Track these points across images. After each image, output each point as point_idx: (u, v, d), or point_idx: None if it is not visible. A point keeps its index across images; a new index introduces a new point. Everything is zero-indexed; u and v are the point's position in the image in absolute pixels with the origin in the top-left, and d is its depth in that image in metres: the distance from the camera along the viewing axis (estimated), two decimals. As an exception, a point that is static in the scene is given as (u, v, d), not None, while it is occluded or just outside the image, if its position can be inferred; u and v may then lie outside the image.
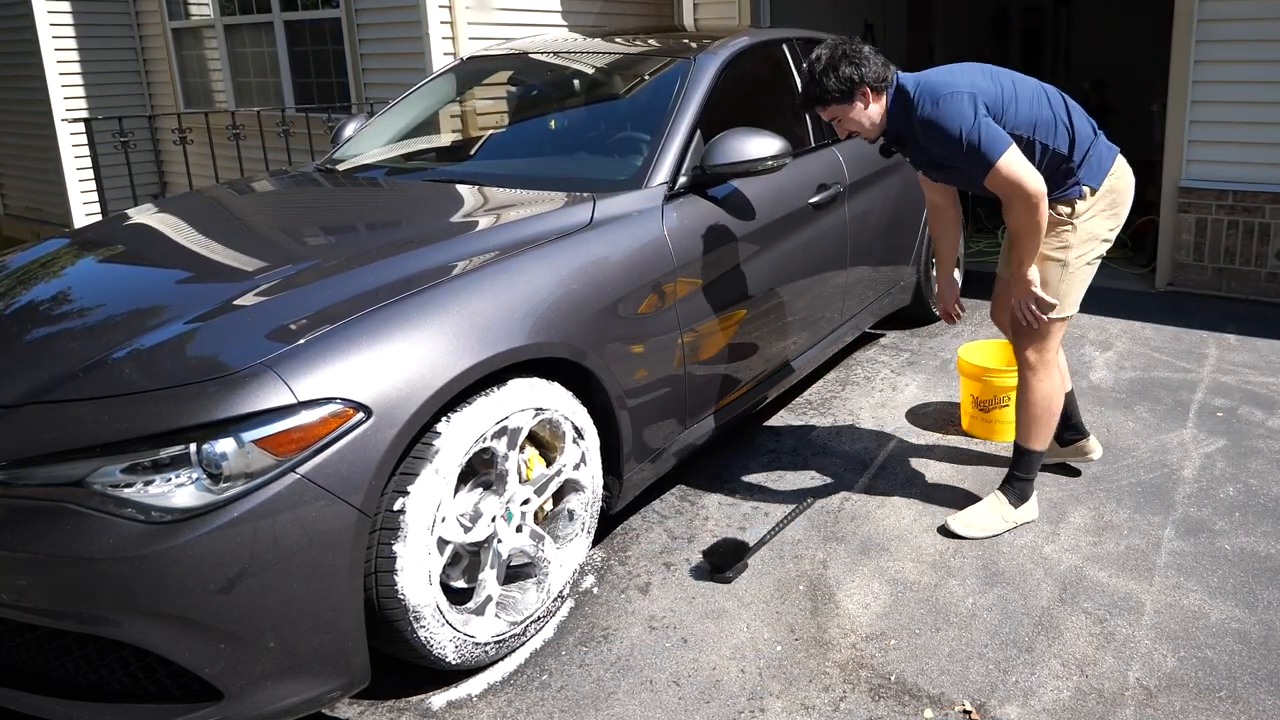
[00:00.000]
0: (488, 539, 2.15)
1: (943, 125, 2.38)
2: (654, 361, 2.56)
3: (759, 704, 2.08)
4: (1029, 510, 2.72)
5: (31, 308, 2.30)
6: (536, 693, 2.14)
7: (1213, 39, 4.62)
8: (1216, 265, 4.86)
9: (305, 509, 1.77)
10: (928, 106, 2.40)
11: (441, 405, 1.98)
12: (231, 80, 6.91)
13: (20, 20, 6.90)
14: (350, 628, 1.87)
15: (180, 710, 1.78)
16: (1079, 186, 2.53)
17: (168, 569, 1.69)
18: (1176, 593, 2.41)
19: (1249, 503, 2.82)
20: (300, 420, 1.78)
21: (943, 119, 2.38)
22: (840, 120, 2.52)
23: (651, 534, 2.78)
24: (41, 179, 7.38)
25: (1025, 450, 2.70)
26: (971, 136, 2.35)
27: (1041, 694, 2.07)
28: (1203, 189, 4.80)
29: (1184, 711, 2.01)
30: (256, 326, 1.97)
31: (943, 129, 2.38)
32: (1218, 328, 4.34)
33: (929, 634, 2.28)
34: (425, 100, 3.71)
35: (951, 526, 2.67)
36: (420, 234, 2.45)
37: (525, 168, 3.18)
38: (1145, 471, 3.03)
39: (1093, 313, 4.64)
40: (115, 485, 1.73)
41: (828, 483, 3.04)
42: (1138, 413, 3.46)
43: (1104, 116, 8.60)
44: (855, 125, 2.52)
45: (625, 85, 3.37)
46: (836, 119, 2.53)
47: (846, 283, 3.59)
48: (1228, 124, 4.68)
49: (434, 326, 2.01)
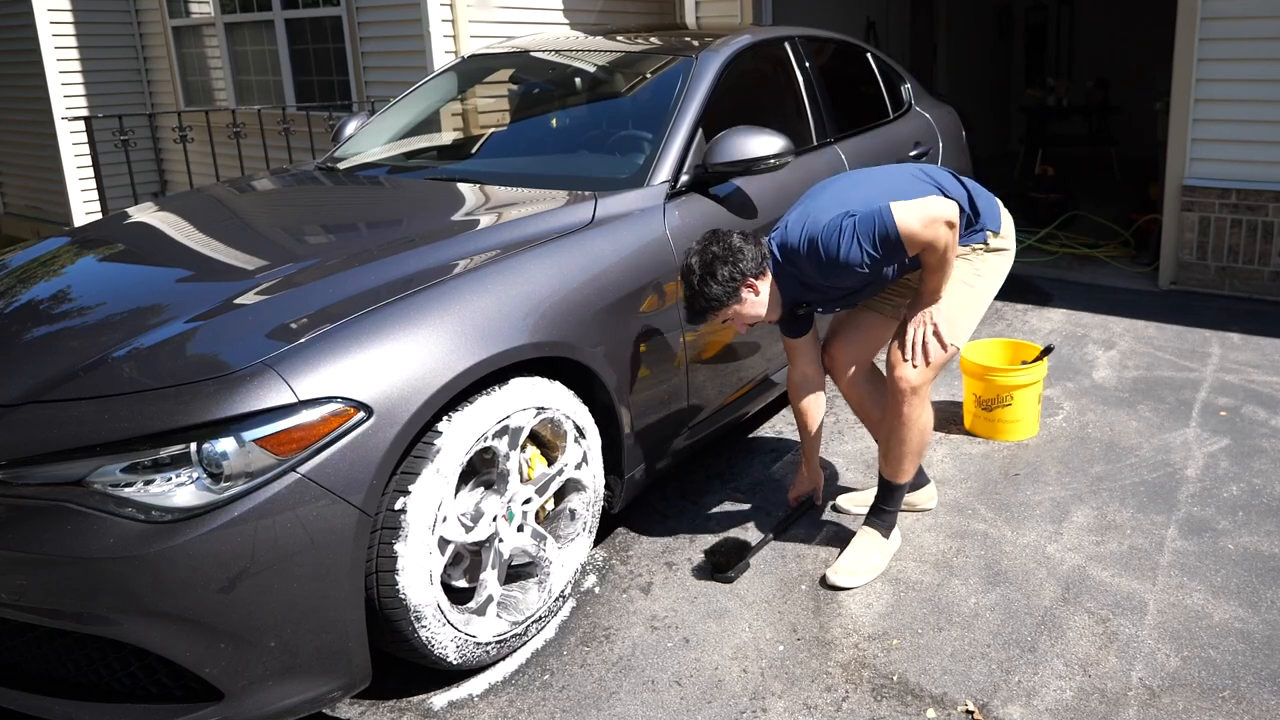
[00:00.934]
0: (489, 538, 2.14)
1: (830, 248, 2.26)
2: (656, 360, 2.55)
3: (761, 704, 2.07)
4: (896, 538, 2.61)
5: (31, 306, 2.29)
6: (538, 692, 2.13)
7: (1216, 37, 4.61)
8: (1220, 264, 4.84)
9: (306, 508, 1.77)
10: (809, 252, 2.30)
11: (443, 404, 1.97)
12: (232, 78, 6.90)
13: (20, 18, 6.90)
14: (351, 627, 1.86)
15: (181, 710, 1.78)
16: (983, 232, 2.47)
17: (168, 568, 1.68)
18: (1180, 592, 2.40)
19: (1252, 502, 2.81)
20: (301, 419, 1.77)
21: (827, 245, 2.26)
22: (737, 317, 2.38)
23: (653, 533, 2.77)
24: (41, 177, 7.37)
25: (894, 485, 2.54)
26: (861, 229, 2.24)
27: (1044, 694, 2.07)
28: (1206, 187, 4.78)
29: (1187, 711, 2.00)
30: (257, 325, 1.96)
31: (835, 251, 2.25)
32: (1221, 326, 4.33)
33: (932, 634, 2.28)
34: (426, 98, 3.70)
35: (834, 580, 2.46)
36: (421, 232, 2.44)
37: (527, 166, 3.18)
38: (1148, 471, 3.03)
39: (1096, 311, 4.63)
40: (115, 484, 1.72)
41: (831, 482, 3.03)
42: (1141, 412, 3.45)
43: (1107, 115, 8.61)
44: (753, 317, 2.38)
45: (627, 84, 3.36)
46: (730, 320, 2.39)
47: (848, 281, 3.58)
48: (1231, 122, 4.67)
49: (435, 325, 2.01)
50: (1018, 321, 4.56)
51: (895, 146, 3.89)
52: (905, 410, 2.43)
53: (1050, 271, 5.40)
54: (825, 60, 3.86)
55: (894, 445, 2.49)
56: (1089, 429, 3.33)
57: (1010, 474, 3.05)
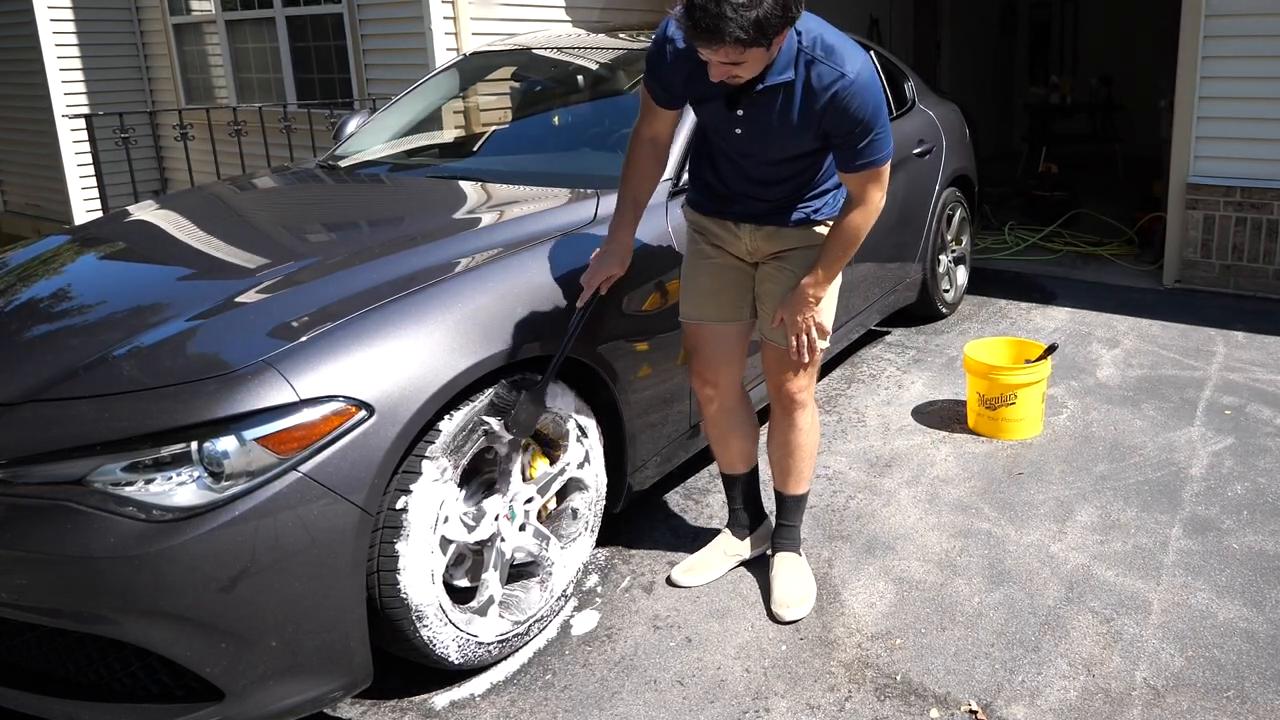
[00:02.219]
0: (491, 538, 2.14)
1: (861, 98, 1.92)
2: (658, 359, 2.54)
3: (764, 704, 2.06)
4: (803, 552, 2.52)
5: (32, 305, 2.29)
6: (540, 692, 2.13)
7: (1221, 34, 4.59)
8: (1224, 262, 4.83)
9: (307, 508, 1.76)
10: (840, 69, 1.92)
11: (444, 403, 1.96)
12: (233, 76, 6.89)
13: (20, 15, 6.89)
14: (352, 627, 1.85)
15: (181, 710, 1.77)
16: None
17: (169, 568, 1.67)
18: (1184, 592, 2.39)
19: (1257, 501, 2.80)
20: (302, 418, 1.76)
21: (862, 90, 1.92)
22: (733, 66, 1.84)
23: (656, 533, 2.76)
24: (42, 175, 7.36)
25: (798, 496, 2.46)
26: (881, 120, 1.96)
27: (1048, 694, 2.06)
28: (1210, 185, 4.77)
29: (1191, 712, 1.99)
30: (258, 324, 1.96)
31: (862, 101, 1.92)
32: (1226, 325, 4.31)
33: (935, 633, 2.27)
34: (428, 96, 3.69)
35: (786, 616, 2.31)
36: (423, 231, 2.43)
37: (529, 164, 3.17)
38: (1152, 470, 3.02)
39: (1100, 310, 4.62)
40: (116, 483, 1.72)
41: (833, 481, 3.02)
42: (1145, 411, 3.44)
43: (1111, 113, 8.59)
44: (742, 73, 1.87)
45: (629, 81, 3.35)
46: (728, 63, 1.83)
47: (852, 280, 3.57)
48: (1236, 120, 4.65)
49: (437, 324, 2.00)
50: (1021, 320, 4.55)
51: (898, 143, 3.85)
52: (799, 419, 2.34)
53: (1054, 270, 5.39)
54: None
55: (794, 457, 2.40)
56: (1093, 428, 3.32)
57: (1014, 473, 3.04)
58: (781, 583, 2.41)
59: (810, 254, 2.21)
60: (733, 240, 2.28)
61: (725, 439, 2.48)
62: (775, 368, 2.31)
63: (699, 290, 2.32)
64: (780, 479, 2.47)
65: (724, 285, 2.30)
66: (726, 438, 2.48)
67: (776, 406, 2.39)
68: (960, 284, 4.75)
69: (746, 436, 2.50)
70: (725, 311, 2.32)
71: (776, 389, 2.35)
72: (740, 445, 2.50)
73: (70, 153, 6.98)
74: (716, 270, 2.30)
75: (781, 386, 2.32)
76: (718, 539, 2.57)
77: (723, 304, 2.31)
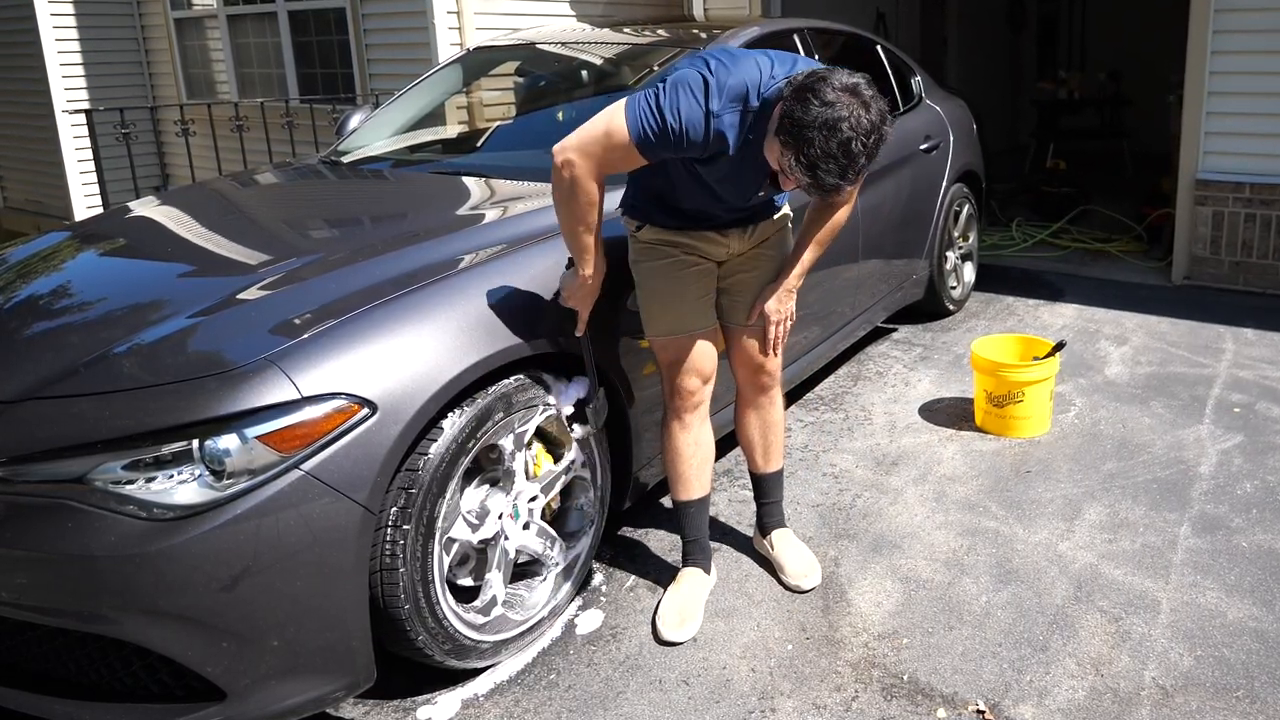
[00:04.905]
0: (495, 537, 2.12)
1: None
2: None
3: (770, 704, 2.05)
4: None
5: (32, 302, 2.28)
6: (544, 692, 2.11)
7: (1230, 29, 4.55)
8: (1234, 259, 4.79)
9: (309, 506, 1.74)
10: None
11: (447, 401, 1.94)
12: (235, 71, 6.88)
13: (21, 10, 6.87)
14: (355, 626, 1.84)
15: (182, 710, 1.76)
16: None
17: (170, 567, 1.66)
18: (1193, 591, 2.37)
19: (1267, 499, 2.78)
20: (304, 416, 1.75)
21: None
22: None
23: (660, 531, 2.74)
24: (42, 171, 7.35)
25: (779, 471, 2.55)
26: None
27: (1056, 693, 2.04)
28: (1220, 181, 4.73)
29: (1200, 711, 1.97)
30: (260, 321, 1.94)
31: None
32: (1235, 322, 4.28)
33: (942, 633, 2.25)
34: (431, 91, 3.67)
35: (804, 585, 2.40)
36: (426, 227, 2.41)
37: (532, 160, 3.13)
38: (1161, 468, 2.99)
39: (1108, 307, 4.59)
40: (117, 482, 1.70)
41: (839, 479, 3.00)
42: (1154, 408, 3.42)
43: (1119, 108, 8.54)
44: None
45: (634, 76, 3.32)
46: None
47: (858, 276, 3.55)
48: (1245, 115, 4.61)
49: (440, 321, 1.98)
50: (1029, 317, 4.52)
51: (905, 139, 3.85)
52: (775, 395, 2.46)
53: (1062, 266, 5.36)
54: (834, 53, 3.82)
55: (774, 432, 2.50)
56: (1101, 426, 3.30)
57: (1021, 471, 3.02)
58: (789, 556, 2.50)
59: (783, 235, 2.33)
60: (714, 247, 2.26)
61: (700, 451, 2.36)
62: (751, 351, 2.37)
63: (685, 300, 2.26)
64: (763, 458, 2.52)
65: (706, 289, 2.30)
66: (702, 449, 2.37)
67: (752, 390, 2.43)
68: (967, 281, 4.72)
69: (711, 451, 2.42)
70: (710, 316, 2.32)
71: (754, 371, 2.39)
72: (709, 458, 2.41)
73: (71, 148, 6.96)
74: (699, 277, 2.27)
75: (761, 367, 2.39)
76: (687, 581, 2.39)
77: (708, 309, 2.31)
